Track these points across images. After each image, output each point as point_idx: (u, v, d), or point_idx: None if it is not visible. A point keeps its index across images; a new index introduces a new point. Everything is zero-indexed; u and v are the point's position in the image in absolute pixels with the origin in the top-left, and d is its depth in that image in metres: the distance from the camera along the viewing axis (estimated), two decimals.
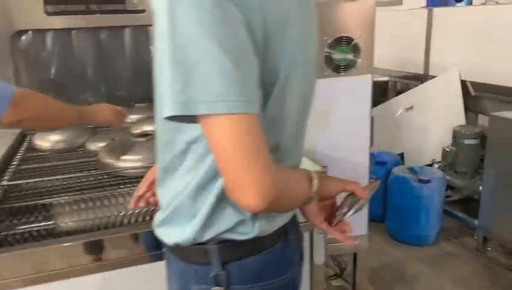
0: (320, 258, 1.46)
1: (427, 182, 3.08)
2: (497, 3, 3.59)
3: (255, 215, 0.84)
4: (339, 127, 1.81)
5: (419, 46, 4.11)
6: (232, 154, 0.70)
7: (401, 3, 6.40)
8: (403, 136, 4.14)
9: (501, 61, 3.34)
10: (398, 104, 4.22)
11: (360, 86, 1.76)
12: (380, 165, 3.47)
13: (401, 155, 4.12)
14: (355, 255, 2.07)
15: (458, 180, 3.43)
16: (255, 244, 0.86)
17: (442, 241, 3.24)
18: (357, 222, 2.00)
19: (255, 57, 0.72)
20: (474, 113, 3.77)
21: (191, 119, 0.70)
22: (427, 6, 4.36)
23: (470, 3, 4.05)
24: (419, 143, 3.95)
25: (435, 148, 3.68)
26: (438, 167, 3.52)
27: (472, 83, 3.64)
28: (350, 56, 1.73)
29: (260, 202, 0.71)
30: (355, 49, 1.73)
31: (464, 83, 3.66)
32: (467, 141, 3.34)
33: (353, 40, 1.71)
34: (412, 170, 3.26)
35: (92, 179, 1.59)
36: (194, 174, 0.82)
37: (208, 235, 0.84)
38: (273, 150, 0.86)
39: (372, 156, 3.61)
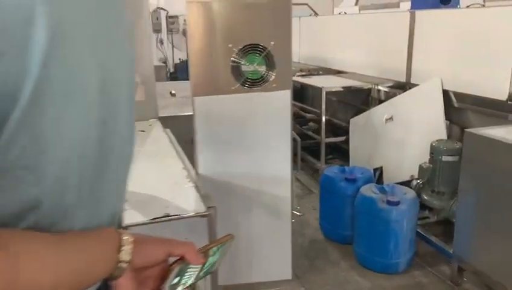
0: None
1: (396, 204, 2.77)
2: (483, 6, 3.27)
3: None
4: (253, 152, 1.52)
5: (401, 52, 3.81)
6: None
7: (398, 6, 6.11)
8: (382, 149, 3.85)
9: (486, 70, 3.03)
10: (378, 114, 3.93)
11: (276, 104, 1.46)
12: (350, 182, 3.16)
13: (380, 169, 3.83)
14: None
15: (435, 201, 3.12)
16: None
17: (414, 269, 2.93)
18: (280, 266, 1.70)
19: None
20: (458, 126, 3.45)
21: None
22: (412, 9, 4.05)
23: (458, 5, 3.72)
24: (399, 157, 3.65)
25: (415, 163, 3.36)
26: (416, 185, 3.21)
27: (455, 94, 3.34)
28: (262, 68, 1.44)
29: None
30: (269, 60, 1.43)
31: (446, 93, 3.36)
32: (445, 158, 3.02)
33: (265, 48, 1.41)
34: (381, 189, 2.95)
35: None
36: None
37: None
38: (25, 211, 0.58)
39: (342, 171, 3.33)
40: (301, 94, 5.18)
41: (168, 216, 1.13)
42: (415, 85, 3.66)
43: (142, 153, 1.66)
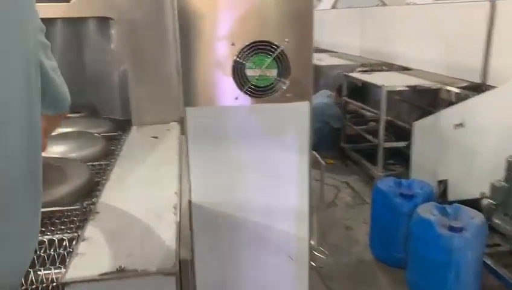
0: None
1: (460, 230, 2.34)
2: None
3: None
4: (260, 179, 1.20)
5: (477, 49, 3.30)
6: None
7: None
8: (449, 158, 3.37)
9: None
10: (446, 118, 3.45)
11: (291, 118, 1.13)
12: (406, 198, 2.75)
13: (445, 183, 3.36)
14: None
15: (509, 227, 2.62)
16: None
17: None
18: None
19: None
20: None
21: None
22: None
23: None
24: (468, 170, 3.17)
25: (486, 179, 2.88)
26: (487, 205, 2.73)
27: None
28: (273, 72, 1.12)
29: None
30: (282, 62, 1.10)
31: None
32: None
33: (278, 47, 1.09)
34: (443, 210, 2.52)
35: None
36: None
37: None
38: None
39: (398, 184, 2.92)
40: (361, 92, 4.75)
41: (121, 271, 0.86)
42: (492, 87, 3.17)
43: (139, 168, 1.41)
